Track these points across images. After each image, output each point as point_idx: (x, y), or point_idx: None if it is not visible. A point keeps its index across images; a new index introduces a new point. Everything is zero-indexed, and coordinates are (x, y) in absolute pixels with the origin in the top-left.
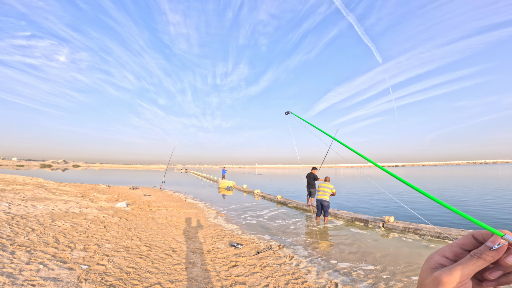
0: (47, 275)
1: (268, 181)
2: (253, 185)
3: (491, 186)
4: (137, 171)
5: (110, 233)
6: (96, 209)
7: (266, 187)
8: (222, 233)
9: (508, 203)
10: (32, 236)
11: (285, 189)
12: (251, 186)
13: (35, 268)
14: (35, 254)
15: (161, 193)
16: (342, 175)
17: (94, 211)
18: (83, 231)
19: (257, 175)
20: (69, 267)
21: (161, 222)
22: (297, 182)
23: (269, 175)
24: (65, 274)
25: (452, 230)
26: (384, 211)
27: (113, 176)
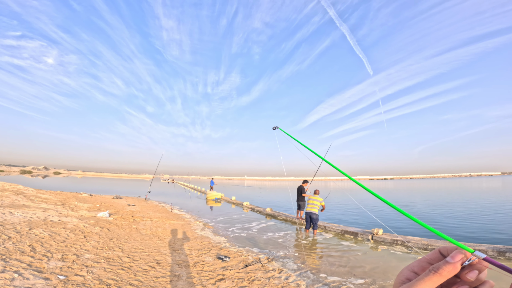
0: (22, 285)
1: (257, 193)
2: (242, 197)
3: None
4: (122, 180)
5: (90, 243)
6: (77, 218)
7: (255, 199)
8: (209, 245)
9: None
10: (8, 244)
11: (274, 201)
12: (240, 198)
13: (9, 277)
14: (10, 263)
15: (146, 204)
16: (332, 188)
17: (74, 220)
18: (61, 241)
19: (246, 187)
20: (45, 277)
21: (145, 233)
22: (286, 194)
23: (259, 187)
24: (41, 284)
25: (439, 242)
26: (374, 223)
27: (95, 184)
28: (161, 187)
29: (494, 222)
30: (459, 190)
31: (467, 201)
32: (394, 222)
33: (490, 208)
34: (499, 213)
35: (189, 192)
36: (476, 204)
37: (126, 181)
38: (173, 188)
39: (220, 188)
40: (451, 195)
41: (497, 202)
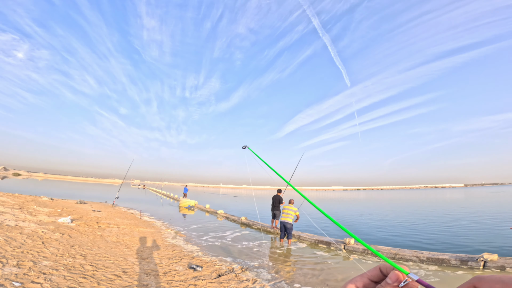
0: None
1: (232, 202)
2: (217, 205)
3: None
4: (87, 184)
5: (49, 249)
6: (35, 223)
7: (230, 208)
8: (180, 254)
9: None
10: None
11: (249, 210)
12: (215, 206)
13: None
14: None
15: (113, 210)
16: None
17: (32, 225)
18: (17, 246)
19: (222, 195)
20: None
21: (111, 241)
22: (262, 203)
23: (234, 195)
24: None
25: (406, 251)
26: (346, 233)
27: (58, 188)
28: (131, 193)
29: (456, 232)
30: (425, 201)
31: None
32: (366, 232)
33: (452, 219)
34: (460, 224)
35: (161, 198)
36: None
37: (92, 186)
38: (144, 194)
39: (194, 195)
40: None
41: (458, 213)
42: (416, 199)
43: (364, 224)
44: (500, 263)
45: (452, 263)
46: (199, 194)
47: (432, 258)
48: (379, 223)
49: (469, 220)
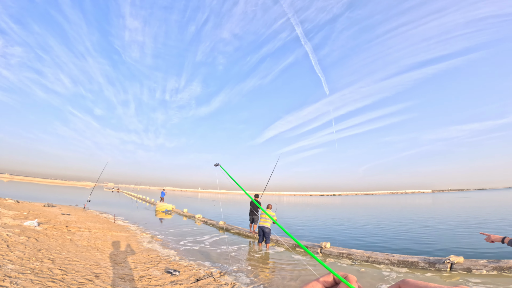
0: None
1: (211, 206)
2: (195, 210)
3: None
4: (56, 187)
5: (14, 253)
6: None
7: (209, 212)
8: (157, 258)
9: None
10: None
11: (228, 215)
12: (193, 210)
13: None
14: None
15: (84, 213)
16: (285, 203)
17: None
18: None
19: (200, 200)
20: None
21: (82, 245)
22: (240, 208)
23: (213, 200)
24: None
25: (378, 254)
26: (322, 237)
27: (24, 190)
28: (104, 196)
29: (424, 236)
30: (396, 206)
31: (402, 216)
32: (341, 236)
33: (421, 223)
34: (428, 227)
35: (136, 202)
36: (409, 219)
37: (61, 188)
38: (118, 197)
39: (172, 199)
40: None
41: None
42: (388, 204)
43: (339, 228)
44: (466, 265)
45: (421, 265)
46: (177, 198)
47: (403, 261)
48: (354, 227)
49: (437, 224)
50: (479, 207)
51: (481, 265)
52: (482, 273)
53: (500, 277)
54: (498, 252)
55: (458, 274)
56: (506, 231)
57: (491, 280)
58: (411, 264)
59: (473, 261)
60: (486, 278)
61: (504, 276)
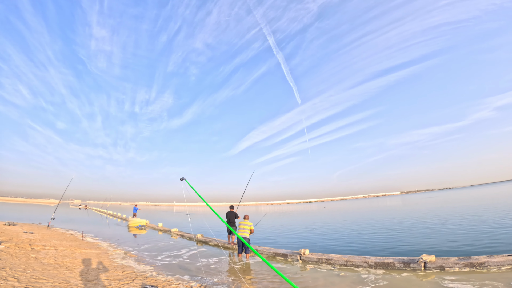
0: None
1: (186, 220)
2: (170, 224)
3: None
4: (17, 205)
5: None
6: None
7: (185, 225)
8: (132, 274)
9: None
10: None
11: (205, 227)
12: (168, 224)
13: None
14: None
15: (48, 231)
16: (263, 212)
17: None
18: None
19: (175, 213)
20: None
21: (49, 263)
22: (217, 220)
23: (186, 213)
24: None
25: (356, 257)
26: (301, 244)
27: None
28: (70, 214)
29: (397, 236)
30: (369, 209)
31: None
32: (319, 242)
33: (392, 224)
34: (400, 227)
35: (106, 219)
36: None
37: (23, 206)
38: (86, 214)
39: (146, 214)
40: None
41: (398, 218)
42: (361, 208)
43: (317, 234)
44: (439, 264)
45: (396, 266)
46: (151, 213)
47: (379, 263)
48: (331, 232)
49: (408, 224)
50: (445, 206)
51: (453, 263)
52: (455, 271)
53: (473, 274)
54: (468, 249)
55: (432, 272)
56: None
57: (465, 277)
58: (387, 265)
59: (445, 259)
60: (460, 275)
61: (476, 272)
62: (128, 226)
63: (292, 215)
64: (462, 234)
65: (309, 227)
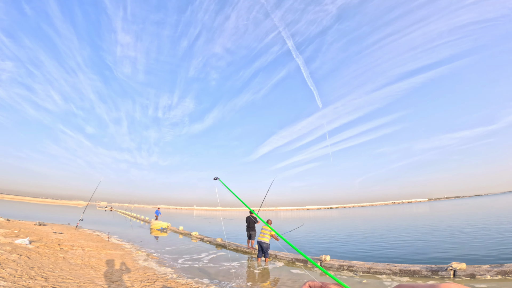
0: None
1: (206, 224)
2: (191, 227)
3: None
4: (48, 206)
5: (6, 270)
6: None
7: (205, 229)
8: (153, 276)
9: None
10: None
11: (225, 231)
12: (189, 228)
13: None
14: None
15: (77, 232)
16: (282, 218)
17: None
18: None
19: (196, 217)
20: None
21: (76, 263)
22: (237, 224)
23: (208, 217)
24: None
25: (380, 265)
26: (322, 250)
27: (15, 209)
28: (97, 215)
29: (425, 243)
30: (394, 216)
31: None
32: (340, 248)
33: (420, 231)
34: (428, 235)
35: (130, 221)
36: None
37: (53, 207)
38: (112, 216)
39: (167, 218)
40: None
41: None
42: (385, 214)
43: (338, 241)
44: (469, 271)
45: (423, 273)
46: (172, 216)
47: (405, 270)
48: (353, 239)
49: (436, 232)
50: (476, 213)
51: (484, 270)
52: (486, 278)
53: (505, 281)
54: (499, 255)
55: (462, 280)
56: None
57: (497, 284)
58: (413, 273)
59: (476, 266)
60: (491, 283)
61: (508, 280)
62: (151, 229)
63: (312, 221)
64: (494, 242)
65: (330, 233)
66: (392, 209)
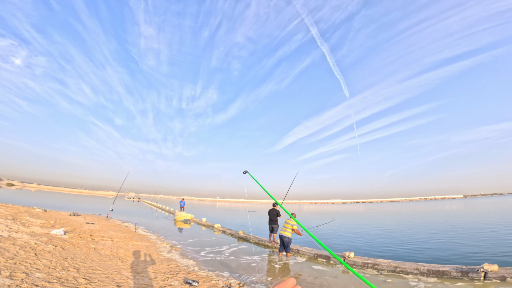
0: None
1: (229, 216)
2: (213, 219)
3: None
4: (81, 196)
5: (42, 261)
6: (28, 234)
7: (227, 221)
8: (176, 268)
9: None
10: None
11: (247, 224)
12: (211, 220)
13: None
14: None
15: (107, 222)
16: (306, 211)
17: (25, 237)
18: (10, 257)
19: (218, 209)
20: None
21: (105, 254)
22: (259, 217)
23: (231, 209)
24: None
25: (406, 264)
26: (346, 247)
27: (51, 199)
28: (125, 206)
29: (457, 243)
30: (425, 212)
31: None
32: (365, 245)
33: (452, 230)
34: (461, 234)
35: (156, 212)
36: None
37: (85, 198)
38: (139, 207)
39: (191, 209)
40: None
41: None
42: (416, 211)
43: (363, 237)
44: (501, 274)
45: (452, 274)
46: (195, 207)
47: (433, 271)
48: (379, 236)
49: (469, 231)
50: None
51: None
52: None
53: None
54: None
55: (492, 283)
56: None
57: None
58: (442, 274)
59: (508, 269)
60: None
61: None
62: (175, 220)
63: (337, 215)
64: None
65: (355, 229)
66: (424, 205)
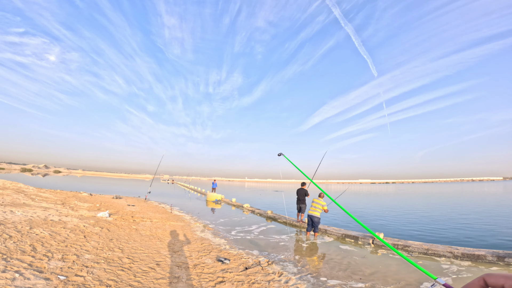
0: (23, 285)
1: (257, 196)
2: (243, 199)
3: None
4: (121, 180)
5: (90, 243)
6: (77, 218)
7: (256, 201)
8: (209, 247)
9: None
10: (9, 243)
11: (275, 204)
12: (240, 200)
13: (10, 276)
14: (11, 262)
15: (145, 204)
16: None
17: (74, 220)
18: (61, 240)
19: (247, 189)
20: (45, 277)
21: (145, 234)
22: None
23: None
24: (42, 284)
25: (439, 246)
26: (375, 228)
27: (95, 184)
28: (161, 188)
29: (493, 227)
30: (461, 195)
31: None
32: (395, 227)
33: (490, 213)
34: (499, 218)
35: (189, 193)
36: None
37: (126, 181)
38: (173, 188)
39: (221, 190)
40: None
41: (497, 207)
42: (451, 193)
43: (393, 219)
44: None
45: (488, 259)
46: (225, 188)
47: (467, 254)
48: (410, 218)
49: (508, 214)
50: None
51: None
52: None
53: None
54: None
55: None
56: None
57: None
58: (477, 258)
59: None
60: None
61: None
62: (206, 201)
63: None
64: None
65: (384, 210)
66: (460, 187)
